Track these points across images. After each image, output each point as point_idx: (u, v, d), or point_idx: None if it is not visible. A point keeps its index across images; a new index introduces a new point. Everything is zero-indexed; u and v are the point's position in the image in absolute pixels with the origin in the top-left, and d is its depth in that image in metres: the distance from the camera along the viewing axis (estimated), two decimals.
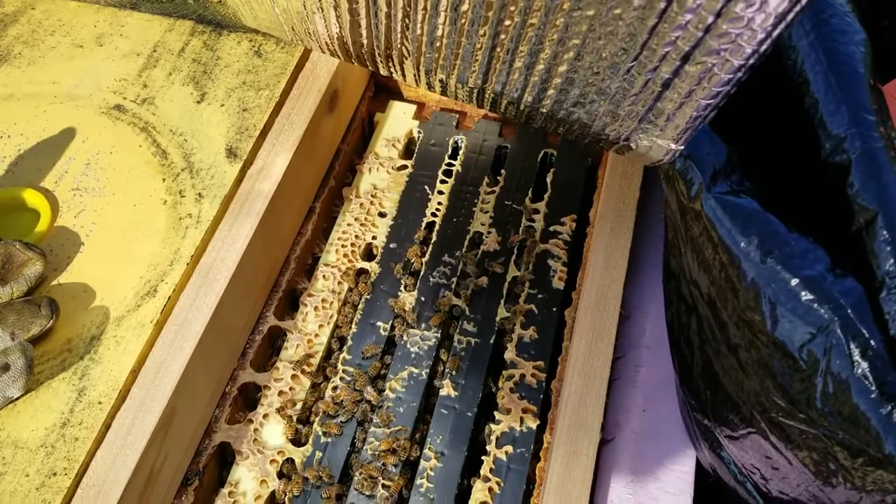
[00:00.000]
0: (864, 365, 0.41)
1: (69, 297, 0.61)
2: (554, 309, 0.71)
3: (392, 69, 0.51)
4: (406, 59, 0.49)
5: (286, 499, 0.63)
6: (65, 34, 0.76)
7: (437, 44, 0.46)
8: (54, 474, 0.54)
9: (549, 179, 0.79)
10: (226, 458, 0.67)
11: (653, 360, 0.66)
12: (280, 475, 0.64)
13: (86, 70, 0.73)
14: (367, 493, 0.63)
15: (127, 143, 0.69)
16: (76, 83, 0.72)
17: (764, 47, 0.38)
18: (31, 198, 0.66)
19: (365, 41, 0.49)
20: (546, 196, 0.78)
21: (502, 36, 0.43)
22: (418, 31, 0.45)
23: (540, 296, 0.71)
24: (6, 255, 0.59)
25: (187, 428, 0.62)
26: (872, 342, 0.41)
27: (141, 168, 0.67)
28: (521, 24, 0.42)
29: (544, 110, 0.48)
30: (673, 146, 0.47)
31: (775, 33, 0.37)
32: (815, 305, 0.42)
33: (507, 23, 0.42)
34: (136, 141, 0.69)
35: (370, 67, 0.52)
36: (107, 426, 0.56)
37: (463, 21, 0.43)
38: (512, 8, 0.41)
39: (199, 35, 0.75)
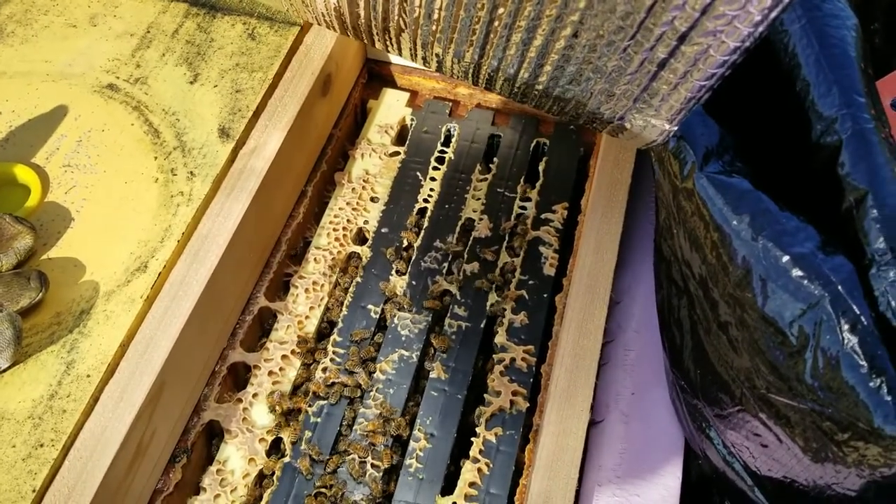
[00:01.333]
0: (854, 340, 0.41)
1: (59, 271, 0.60)
2: (545, 295, 0.71)
3: (388, 43, 0.51)
4: (403, 31, 0.49)
5: (274, 478, 0.63)
6: (58, 14, 0.76)
7: (435, 16, 0.46)
8: (41, 445, 0.54)
9: (541, 168, 0.79)
10: (214, 436, 0.67)
11: (642, 344, 0.67)
12: (268, 453, 0.64)
13: (79, 49, 0.73)
14: (357, 477, 0.63)
15: (119, 122, 0.68)
16: (69, 62, 0.72)
17: (760, 30, 0.38)
18: (22, 173, 0.65)
19: (362, 12, 0.49)
20: (538, 184, 0.78)
21: (500, 10, 0.44)
22: (416, 3, 0.46)
23: (531, 282, 0.72)
24: None
25: (176, 404, 0.61)
26: (862, 318, 0.41)
27: (133, 146, 0.67)
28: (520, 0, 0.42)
29: (540, 87, 0.48)
30: (667, 126, 0.47)
31: (771, 16, 0.38)
32: (806, 282, 0.43)
33: None
34: (129, 119, 0.68)
35: (366, 41, 0.53)
36: (95, 399, 0.56)
37: None
38: None
39: (192, 17, 0.75)
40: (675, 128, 0.47)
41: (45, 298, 0.58)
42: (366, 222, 0.77)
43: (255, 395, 0.66)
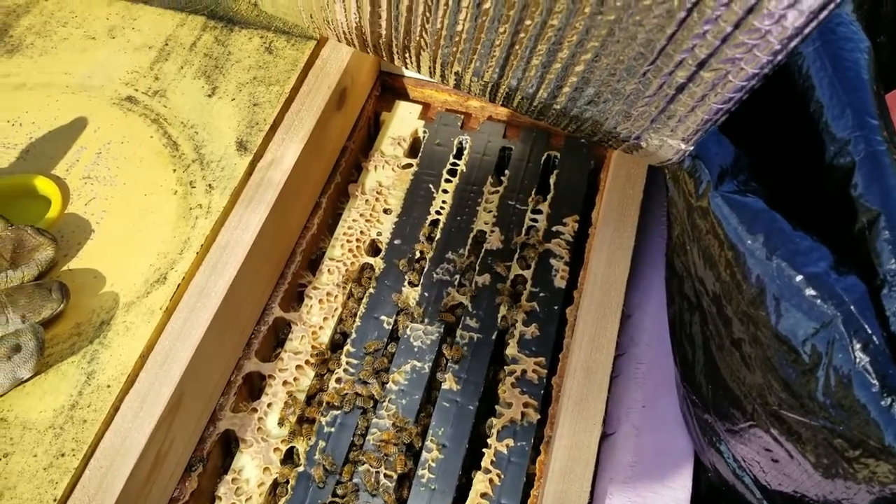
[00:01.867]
0: (866, 359, 0.42)
1: (79, 282, 0.61)
2: (555, 307, 0.72)
3: (408, 61, 0.52)
4: (423, 51, 0.50)
5: (289, 486, 0.64)
6: (77, 26, 0.77)
7: (456, 38, 0.47)
8: (62, 455, 0.54)
9: (552, 181, 0.80)
10: (229, 445, 0.67)
11: (653, 358, 0.68)
12: (283, 462, 0.65)
13: (98, 61, 0.74)
14: (372, 490, 0.63)
15: (138, 134, 0.69)
16: (88, 74, 0.73)
17: (779, 58, 0.39)
18: (42, 185, 0.66)
19: (384, 32, 0.50)
20: (549, 197, 0.79)
21: (521, 34, 0.44)
22: (438, 25, 0.47)
23: (542, 294, 0.73)
24: (17, 240, 0.60)
25: (193, 414, 0.62)
26: (874, 337, 0.42)
27: (152, 158, 0.68)
28: (542, 25, 0.43)
29: (558, 107, 0.49)
30: (683, 146, 0.48)
31: (791, 45, 0.38)
32: (819, 301, 0.44)
33: (528, 22, 0.43)
34: (148, 132, 0.69)
35: (385, 58, 0.53)
36: (115, 409, 0.57)
37: (484, 18, 0.44)
38: (533, 8, 0.42)
39: (210, 30, 0.76)
40: (691, 147, 0.48)
41: (65, 309, 0.59)
42: (379, 234, 0.78)
43: (269, 405, 0.67)
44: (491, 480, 0.63)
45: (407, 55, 0.52)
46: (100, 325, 0.60)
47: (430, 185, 0.80)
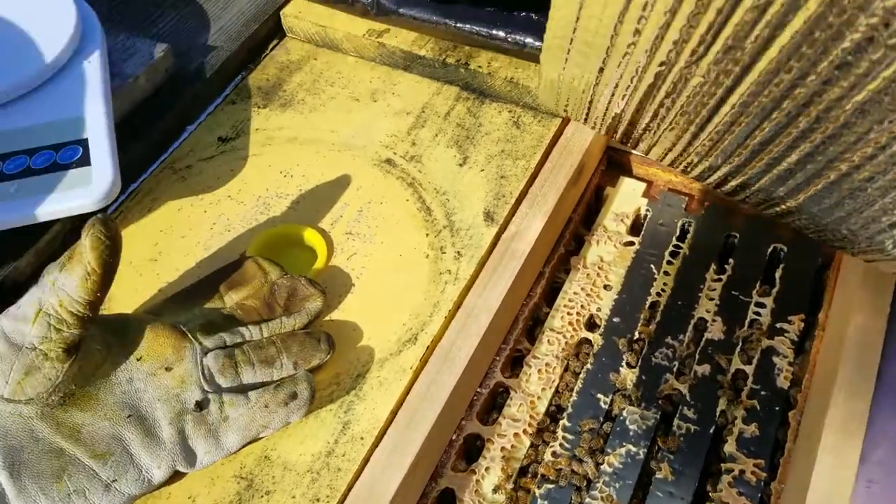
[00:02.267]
0: None
1: (340, 333, 0.66)
2: (777, 408, 0.71)
3: (647, 146, 0.53)
4: (666, 140, 0.51)
5: None
6: (343, 86, 0.83)
7: (704, 137, 0.48)
8: (317, 500, 0.58)
9: (777, 274, 0.79)
10: (445, 502, 0.70)
11: (887, 478, 0.65)
12: None
13: (361, 123, 0.80)
14: None
15: (396, 196, 0.74)
16: (352, 134, 0.79)
17: None
18: (310, 236, 0.72)
19: (642, 125, 0.51)
20: (774, 291, 0.78)
21: (777, 144, 0.44)
22: (700, 136, 0.47)
23: (763, 392, 0.72)
24: (292, 288, 0.65)
25: (425, 470, 0.65)
26: None
27: (407, 221, 0.72)
28: (824, 142, 0.43)
29: (825, 220, 0.49)
30: None
31: None
32: None
33: (815, 153, 0.43)
34: (404, 195, 0.74)
35: (623, 142, 0.55)
36: (365, 462, 0.60)
37: (787, 127, 0.44)
38: (830, 117, 0.41)
39: (463, 101, 0.80)
40: None
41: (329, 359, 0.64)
42: (598, 309, 0.79)
43: (487, 469, 0.70)
44: None
45: (643, 139, 0.53)
46: (356, 377, 0.64)
47: (652, 266, 0.81)
